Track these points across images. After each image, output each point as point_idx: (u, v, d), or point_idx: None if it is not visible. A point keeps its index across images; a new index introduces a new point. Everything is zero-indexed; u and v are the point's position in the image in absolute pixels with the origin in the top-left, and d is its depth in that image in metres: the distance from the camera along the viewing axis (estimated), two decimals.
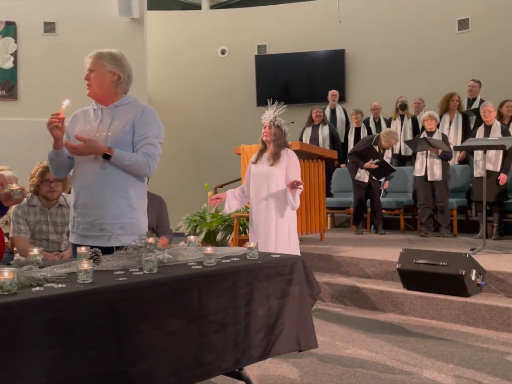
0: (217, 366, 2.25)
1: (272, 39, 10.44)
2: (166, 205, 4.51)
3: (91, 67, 2.79)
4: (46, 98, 8.80)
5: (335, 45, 10.18)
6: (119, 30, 9.20)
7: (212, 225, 6.63)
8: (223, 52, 10.61)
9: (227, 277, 2.28)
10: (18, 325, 1.64)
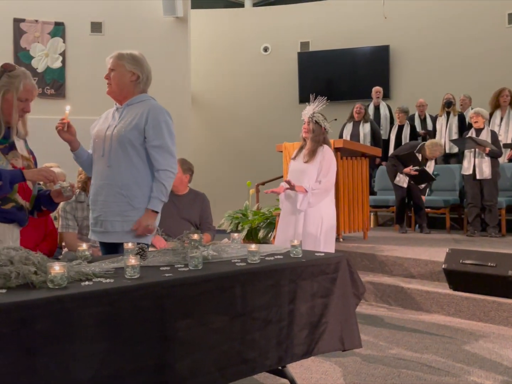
0: (261, 363, 2.26)
1: (315, 36, 10.37)
2: (209, 202, 4.55)
3: (111, 66, 2.87)
4: (93, 96, 9.00)
5: (379, 41, 10.03)
6: (163, 29, 9.33)
7: (254, 222, 6.65)
8: (266, 49, 10.61)
9: (271, 274, 2.28)
10: (69, 318, 1.68)
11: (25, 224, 2.57)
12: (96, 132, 2.91)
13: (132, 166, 2.78)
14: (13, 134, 2.48)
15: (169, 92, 9.24)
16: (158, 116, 2.81)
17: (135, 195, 2.77)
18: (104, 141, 2.84)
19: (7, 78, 2.39)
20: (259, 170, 9.38)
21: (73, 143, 2.88)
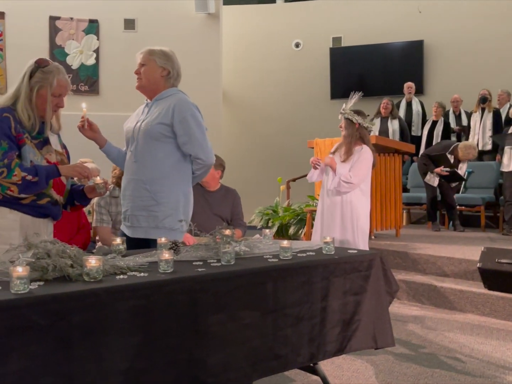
0: (292, 360, 2.25)
1: (347, 31, 10.26)
2: (240, 198, 4.56)
3: (142, 61, 2.88)
4: (126, 93, 9.10)
5: (413, 36, 9.86)
6: (195, 26, 9.36)
7: (284, 218, 6.63)
8: (297, 45, 10.56)
9: (303, 271, 2.27)
10: (104, 311, 1.71)
11: (59, 218, 2.62)
12: (127, 128, 2.94)
13: (157, 160, 2.77)
14: (47, 129, 2.52)
15: (201, 89, 9.28)
16: (184, 109, 2.78)
17: (159, 190, 2.76)
18: (132, 136, 2.86)
19: (41, 74, 2.42)
20: (290, 166, 9.35)
21: (98, 140, 2.89)
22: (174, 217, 2.78)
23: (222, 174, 4.47)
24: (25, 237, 1.96)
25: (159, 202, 2.76)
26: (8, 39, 8.80)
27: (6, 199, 2.34)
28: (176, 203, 2.80)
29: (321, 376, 2.54)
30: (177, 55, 8.67)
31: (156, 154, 2.77)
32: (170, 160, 2.79)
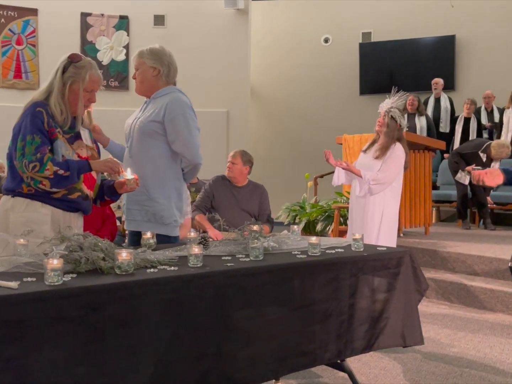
0: (320, 356, 2.25)
1: (377, 26, 10.14)
2: (268, 194, 4.57)
3: (135, 66, 2.93)
4: None
5: (445, 31, 9.70)
6: (224, 21, 9.38)
7: (312, 215, 6.61)
8: (326, 40, 10.49)
9: (331, 267, 2.27)
10: (135, 304, 1.73)
11: (89, 213, 2.66)
12: (126, 125, 3.01)
13: (150, 157, 2.82)
14: (78, 124, 2.56)
15: (229, 84, 9.31)
16: (175, 109, 2.80)
17: (151, 185, 2.81)
18: (129, 132, 2.92)
19: (73, 69, 2.46)
20: (318, 162, 9.26)
21: (102, 140, 2.95)
22: (166, 212, 2.83)
23: (250, 170, 4.48)
24: (58, 230, 2.00)
25: (151, 197, 2.81)
26: (40, 36, 8.95)
27: (38, 193, 2.39)
28: (168, 199, 2.84)
29: (348, 373, 2.53)
30: (206, 50, 8.77)
31: (149, 151, 2.82)
32: (163, 157, 2.84)
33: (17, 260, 1.85)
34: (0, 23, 8.76)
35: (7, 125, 2.83)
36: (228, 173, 4.44)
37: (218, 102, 9.23)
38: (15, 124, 2.45)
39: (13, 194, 2.42)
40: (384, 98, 4.24)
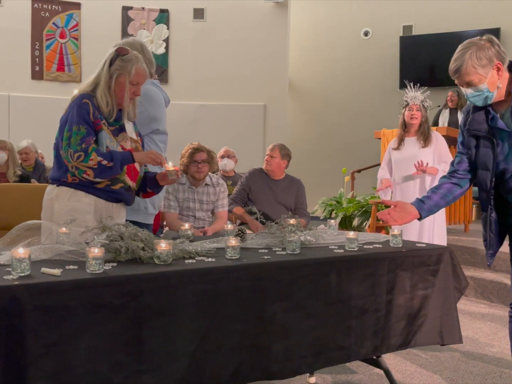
0: (355, 352, 2.24)
1: (419, 19, 9.95)
2: (304, 188, 4.56)
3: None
4: (194, 81, 9.27)
5: (489, 24, 9.43)
6: (263, 15, 9.37)
7: (348, 210, 6.55)
8: (366, 34, 10.35)
9: (369, 263, 2.25)
10: (173, 294, 1.76)
11: (131, 204, 2.70)
12: None
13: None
14: (124, 117, 2.60)
15: (267, 78, 9.30)
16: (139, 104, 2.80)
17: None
18: None
19: (120, 62, 2.50)
20: (356, 157, 9.23)
21: None
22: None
23: (288, 164, 4.49)
24: (100, 220, 2.04)
25: None
26: (83, 29, 9.14)
27: (82, 183, 2.44)
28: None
29: (384, 369, 2.51)
30: (244, 44, 8.77)
31: None
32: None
33: (60, 248, 1.90)
34: (45, 17, 8.97)
35: (50, 116, 2.92)
36: (266, 166, 4.45)
37: (255, 96, 9.24)
38: (62, 115, 2.51)
39: (58, 183, 2.49)
40: (424, 92, 4.21)
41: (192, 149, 4.14)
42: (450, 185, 2.41)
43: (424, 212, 2.39)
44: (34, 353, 1.50)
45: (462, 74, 2.13)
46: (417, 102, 4.08)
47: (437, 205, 2.41)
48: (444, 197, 2.40)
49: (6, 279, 1.56)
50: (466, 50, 2.13)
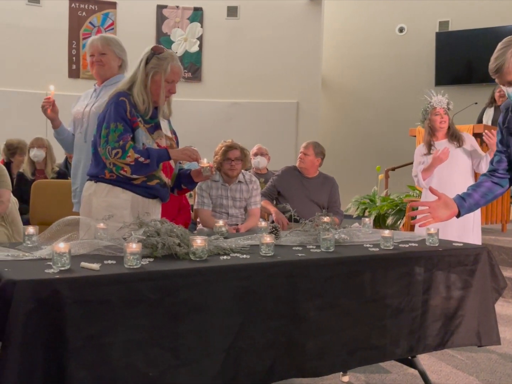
0: (390, 351, 2.22)
1: (455, 15, 9.76)
2: (338, 187, 4.53)
3: (102, 50, 2.98)
4: (227, 79, 9.31)
5: None
6: (297, 12, 9.34)
7: (382, 208, 6.49)
8: (401, 30, 10.21)
9: (405, 262, 2.22)
10: (208, 289, 1.77)
11: (166, 201, 2.74)
12: (76, 111, 3.08)
13: None
14: (159, 115, 2.63)
15: (300, 75, 9.27)
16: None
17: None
18: (82, 119, 2.99)
19: (156, 60, 2.53)
20: (390, 155, 9.12)
21: (55, 121, 3.04)
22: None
23: (321, 162, 4.47)
24: (137, 216, 2.08)
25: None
26: (118, 28, 9.27)
27: (119, 179, 2.49)
28: None
29: (420, 370, 2.48)
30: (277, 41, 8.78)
31: None
32: None
33: (98, 243, 1.93)
34: (82, 17, 9.13)
35: None
36: (299, 164, 4.44)
37: (288, 93, 9.22)
38: (99, 113, 2.56)
39: (96, 179, 2.54)
40: (461, 88, 4.18)
41: (225, 146, 4.16)
42: (491, 184, 2.36)
43: (464, 210, 2.34)
44: (74, 345, 1.54)
45: (503, 73, 2.08)
46: (443, 105, 4.03)
47: (477, 204, 2.36)
48: (484, 195, 2.35)
49: (47, 273, 1.60)
50: (507, 48, 2.07)
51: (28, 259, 1.82)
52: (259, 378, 1.87)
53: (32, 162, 5.10)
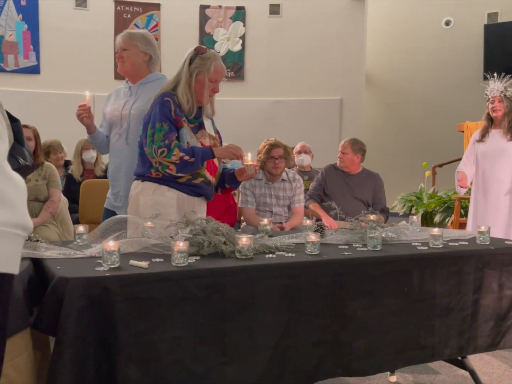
0: (439, 351, 2.18)
1: (505, 6, 9.45)
2: (383, 183, 4.46)
3: (123, 46, 2.93)
4: (270, 77, 9.30)
5: None
6: (340, 7, 9.24)
7: (429, 206, 6.36)
8: (448, 23, 9.96)
9: (454, 261, 2.17)
10: (254, 287, 1.78)
11: (211, 199, 2.76)
12: (111, 111, 3.00)
13: None
14: (203, 114, 2.66)
15: (343, 71, 9.17)
16: None
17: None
18: (120, 119, 2.92)
19: (200, 60, 2.56)
20: (437, 151, 8.92)
21: (91, 127, 2.98)
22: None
23: (362, 158, 4.40)
24: (184, 214, 2.10)
25: None
26: (162, 29, 9.39)
27: (165, 177, 2.53)
28: None
29: (470, 371, 2.42)
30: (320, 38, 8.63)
31: None
32: None
33: (146, 241, 1.97)
34: (127, 19, 9.30)
35: None
36: (339, 164, 4.40)
37: (331, 90, 9.14)
38: (141, 114, 2.61)
39: (142, 178, 2.59)
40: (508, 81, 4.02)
41: (269, 145, 4.17)
42: None
43: None
44: (124, 341, 1.57)
45: None
46: (496, 93, 3.90)
47: None
48: None
49: (98, 271, 1.64)
50: None
51: (79, 257, 1.87)
52: (305, 376, 1.86)
53: (82, 163, 5.21)
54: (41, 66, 8.92)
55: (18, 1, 8.67)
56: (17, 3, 8.68)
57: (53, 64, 8.82)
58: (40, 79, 8.81)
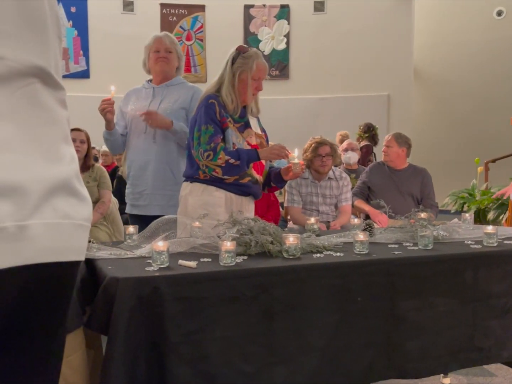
0: (496, 354, 2.10)
1: None
2: (430, 178, 4.34)
3: (170, 48, 3.02)
4: (315, 75, 9.24)
5: None
6: (386, 3, 9.08)
7: (482, 203, 6.16)
8: (500, 13, 9.64)
9: (511, 259, 2.09)
10: (302, 287, 1.76)
11: (259, 197, 2.76)
12: (132, 110, 3.03)
13: (177, 142, 2.93)
14: (248, 113, 2.66)
15: (390, 66, 9.02)
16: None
17: (179, 170, 2.88)
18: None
19: (242, 59, 2.57)
20: (489, 146, 8.65)
21: (111, 123, 2.99)
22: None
23: (408, 152, 4.30)
24: (231, 214, 2.11)
25: (177, 182, 2.84)
26: (207, 30, 9.48)
27: (213, 178, 2.56)
28: None
29: None
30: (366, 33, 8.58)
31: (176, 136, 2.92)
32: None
33: (194, 241, 1.98)
34: (172, 21, 9.44)
35: None
36: (384, 158, 4.31)
37: (378, 85, 9.00)
38: (191, 117, 2.66)
39: (191, 180, 2.62)
40: None
41: (315, 143, 4.13)
42: None
43: None
44: (174, 340, 1.58)
45: None
46: None
47: None
48: None
49: (148, 271, 1.66)
50: None
51: (129, 257, 1.90)
52: (356, 378, 1.83)
53: None
54: (91, 71, 9.16)
55: (68, 8, 8.93)
56: (67, 10, 8.95)
57: (102, 68, 9.04)
58: (90, 83, 9.05)
